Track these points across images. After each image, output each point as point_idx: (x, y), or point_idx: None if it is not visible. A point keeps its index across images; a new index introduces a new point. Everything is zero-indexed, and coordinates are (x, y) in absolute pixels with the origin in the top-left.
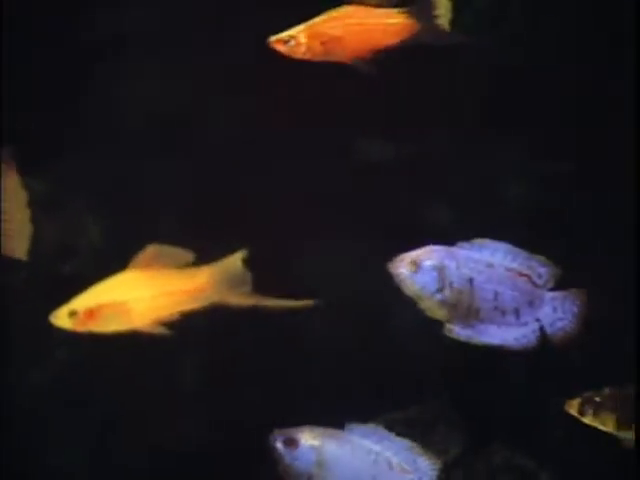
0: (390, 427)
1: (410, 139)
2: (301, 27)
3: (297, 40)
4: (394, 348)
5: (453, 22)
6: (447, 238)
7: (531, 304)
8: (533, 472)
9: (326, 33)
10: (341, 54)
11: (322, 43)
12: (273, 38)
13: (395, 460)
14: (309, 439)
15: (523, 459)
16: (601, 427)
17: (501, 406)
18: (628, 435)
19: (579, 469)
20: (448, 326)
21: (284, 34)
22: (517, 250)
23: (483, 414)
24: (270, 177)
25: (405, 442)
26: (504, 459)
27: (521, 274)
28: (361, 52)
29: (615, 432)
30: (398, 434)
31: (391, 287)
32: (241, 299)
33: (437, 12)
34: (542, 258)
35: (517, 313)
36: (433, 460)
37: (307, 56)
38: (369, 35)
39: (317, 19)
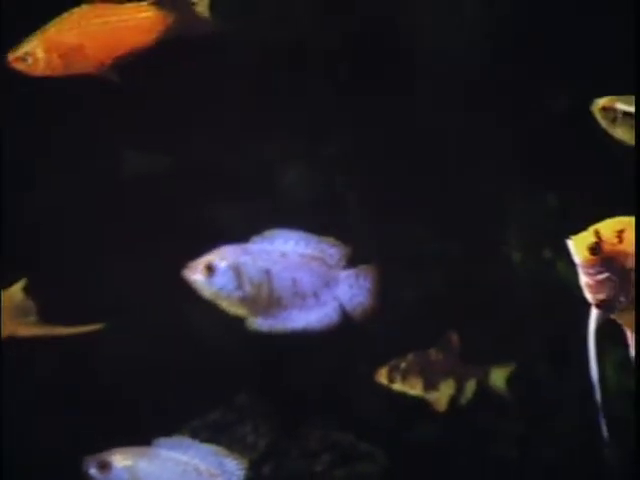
0: (196, 434)
1: (180, 143)
2: (36, 40)
3: (34, 56)
4: (195, 353)
5: (212, 8)
6: (240, 235)
7: (328, 285)
8: (352, 445)
9: (63, 43)
10: (84, 64)
11: (60, 56)
12: (11, 56)
13: (203, 466)
14: (121, 460)
15: (339, 435)
16: (410, 391)
17: (309, 388)
18: (435, 396)
19: (395, 435)
20: (250, 320)
21: (20, 51)
22: (307, 236)
23: (291, 400)
24: (43, 195)
25: (210, 447)
26: (319, 439)
27: (314, 258)
28: (107, 57)
29: (423, 395)
30: (204, 440)
31: (187, 293)
32: (29, 329)
33: (194, 0)
34: (331, 239)
35: (316, 295)
36: (239, 459)
37: (47, 72)
38: (114, 36)
39: (51, 26)
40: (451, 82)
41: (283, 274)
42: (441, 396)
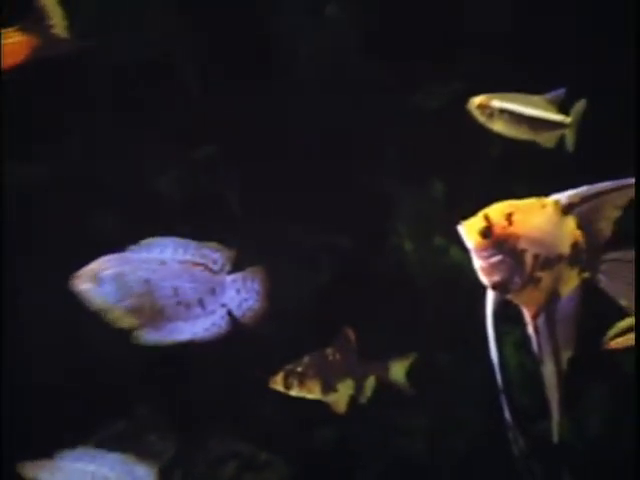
0: (100, 446)
1: (51, 155)
2: None
3: None
4: (89, 367)
5: (70, 28)
6: (118, 244)
7: (213, 292)
8: (253, 455)
9: None
10: None
11: None
12: None
13: (112, 475)
14: None
15: (241, 445)
16: (308, 395)
17: (207, 397)
18: (334, 398)
19: (293, 443)
20: (136, 333)
21: None
22: (186, 241)
23: (192, 410)
24: None
25: (117, 456)
26: (222, 448)
27: (195, 264)
28: None
29: (322, 397)
30: (109, 451)
31: (75, 305)
32: None
33: (51, 22)
34: (213, 244)
35: (202, 303)
36: (149, 466)
37: None
38: None
39: None
40: (332, 80)
41: (163, 283)
42: (340, 397)
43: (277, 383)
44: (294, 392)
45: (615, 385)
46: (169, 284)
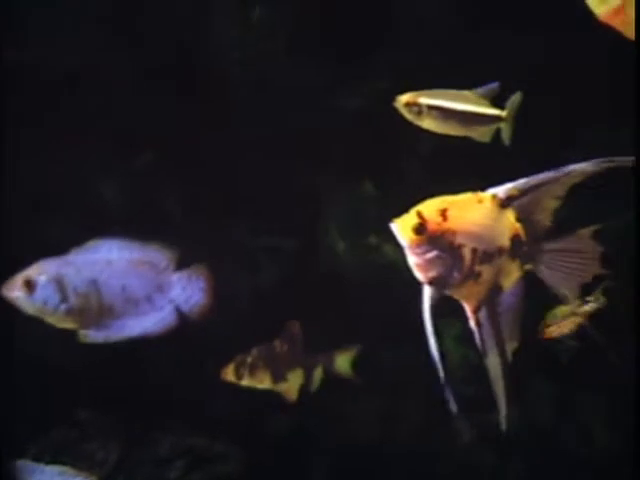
0: (40, 457)
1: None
2: None
3: None
4: (27, 371)
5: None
6: (62, 249)
7: (161, 288)
8: (207, 447)
9: None
10: None
11: None
12: None
13: None
14: None
15: (193, 438)
16: (259, 385)
17: (156, 395)
18: (285, 387)
19: (250, 432)
20: (82, 332)
21: None
22: (131, 242)
23: (138, 409)
24: None
25: (56, 468)
26: (172, 445)
27: (142, 262)
28: None
29: (273, 387)
30: (49, 461)
31: (12, 309)
32: None
33: None
34: (155, 244)
35: (150, 300)
36: (89, 477)
37: None
38: None
39: None
40: (261, 84)
41: (111, 282)
42: (291, 386)
43: (228, 374)
44: (245, 382)
45: (557, 375)
46: (117, 282)
